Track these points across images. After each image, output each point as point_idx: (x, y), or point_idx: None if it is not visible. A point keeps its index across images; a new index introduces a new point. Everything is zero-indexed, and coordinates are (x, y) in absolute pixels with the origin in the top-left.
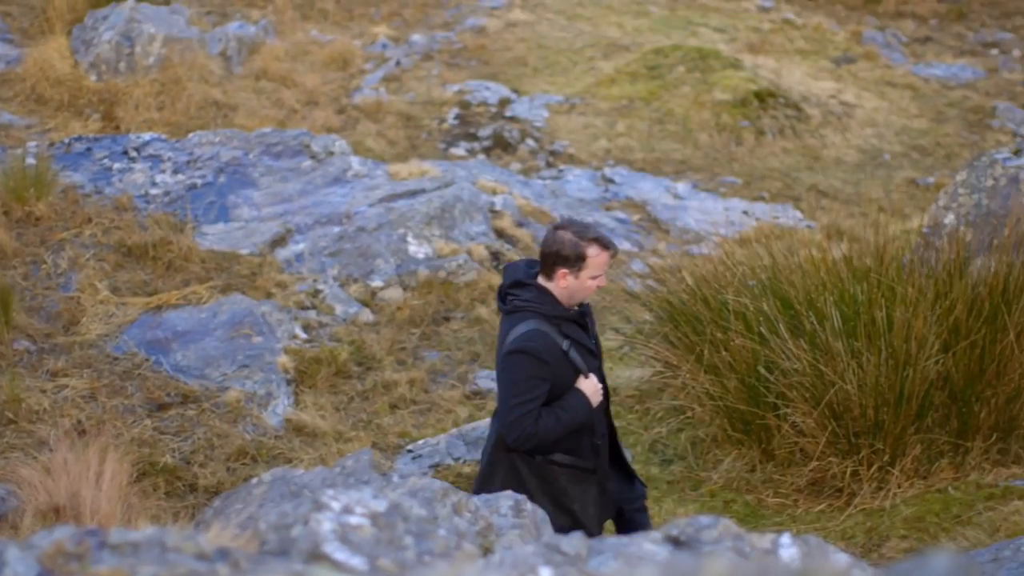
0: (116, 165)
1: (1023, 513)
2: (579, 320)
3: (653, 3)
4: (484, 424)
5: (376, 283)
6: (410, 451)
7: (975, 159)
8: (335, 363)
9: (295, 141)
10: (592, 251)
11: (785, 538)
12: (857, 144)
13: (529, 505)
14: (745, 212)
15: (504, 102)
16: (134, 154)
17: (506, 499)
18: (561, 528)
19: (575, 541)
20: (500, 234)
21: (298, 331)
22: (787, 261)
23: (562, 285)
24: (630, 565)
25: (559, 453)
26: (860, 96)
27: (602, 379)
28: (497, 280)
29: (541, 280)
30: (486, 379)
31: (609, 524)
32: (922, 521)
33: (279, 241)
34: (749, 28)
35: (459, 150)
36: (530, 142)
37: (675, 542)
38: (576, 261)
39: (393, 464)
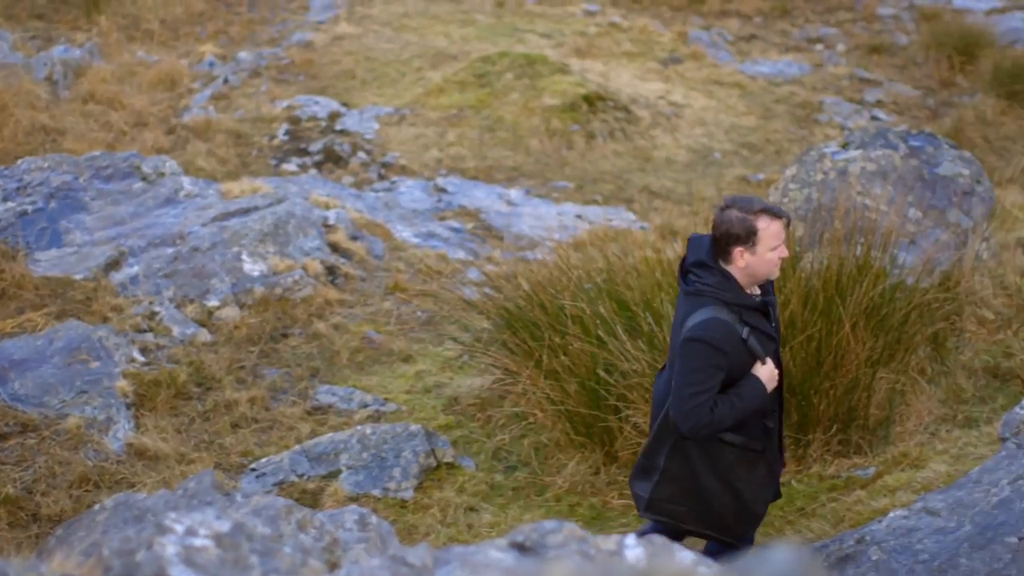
0: None
1: (865, 503)
2: (761, 308)
3: (479, 11)
4: (327, 439)
5: (212, 303)
6: (253, 470)
7: (804, 154)
8: (174, 385)
9: (125, 163)
10: (762, 223)
11: (630, 539)
12: (687, 144)
13: (374, 518)
14: (579, 216)
15: (334, 116)
16: None
17: (351, 513)
18: (724, 506)
19: (420, 552)
20: (335, 248)
21: (136, 354)
22: (622, 263)
23: (740, 264)
24: (476, 573)
25: (729, 433)
26: (688, 96)
27: (778, 362)
28: (334, 295)
29: (721, 264)
30: (327, 394)
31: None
32: (767, 515)
33: (113, 265)
34: (575, 33)
35: (290, 166)
36: (361, 155)
37: (520, 548)
38: (748, 237)
39: (237, 484)
